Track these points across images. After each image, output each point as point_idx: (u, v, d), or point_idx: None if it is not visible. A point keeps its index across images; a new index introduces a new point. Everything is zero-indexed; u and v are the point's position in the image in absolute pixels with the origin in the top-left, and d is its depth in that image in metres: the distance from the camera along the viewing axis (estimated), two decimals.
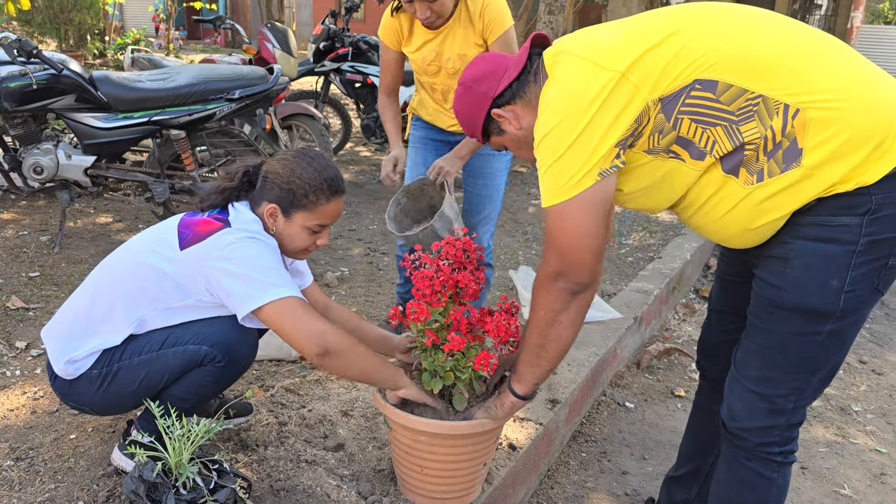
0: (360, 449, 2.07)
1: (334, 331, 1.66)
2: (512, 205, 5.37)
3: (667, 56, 1.36)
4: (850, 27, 14.76)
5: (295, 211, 1.79)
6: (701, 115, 1.37)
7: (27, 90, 3.46)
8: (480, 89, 1.59)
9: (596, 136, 1.37)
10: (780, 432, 1.58)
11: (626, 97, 1.36)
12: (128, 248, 1.87)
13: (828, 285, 1.40)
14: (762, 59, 1.35)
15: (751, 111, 1.34)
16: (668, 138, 1.40)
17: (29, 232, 4.04)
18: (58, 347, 1.84)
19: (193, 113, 3.67)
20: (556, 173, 1.40)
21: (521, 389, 1.65)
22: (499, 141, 1.66)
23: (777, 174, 1.36)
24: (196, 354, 1.77)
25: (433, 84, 2.63)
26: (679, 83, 1.36)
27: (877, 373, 3.40)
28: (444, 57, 2.52)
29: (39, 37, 12.47)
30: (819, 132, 1.32)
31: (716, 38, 1.37)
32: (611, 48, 1.40)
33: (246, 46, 5.31)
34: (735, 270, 1.77)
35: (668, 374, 3.28)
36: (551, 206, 1.43)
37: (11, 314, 2.94)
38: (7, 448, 2.00)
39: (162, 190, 3.76)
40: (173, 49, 14.56)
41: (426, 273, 1.73)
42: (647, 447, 2.69)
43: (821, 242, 1.39)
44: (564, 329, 1.52)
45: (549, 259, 1.47)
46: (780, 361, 1.51)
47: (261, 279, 1.65)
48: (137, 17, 25.45)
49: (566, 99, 1.39)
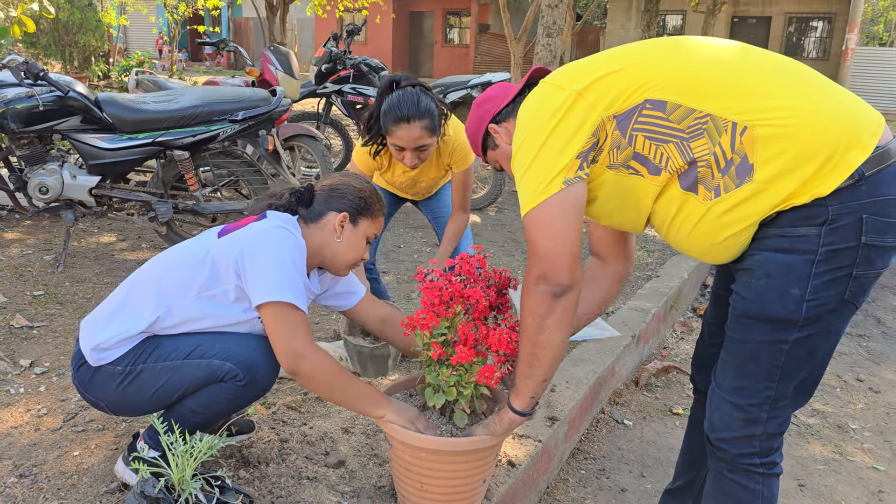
0: (361, 466, 2.09)
1: (314, 360, 1.74)
2: (511, 224, 5.41)
3: (622, 79, 1.49)
4: (844, 49, 14.91)
5: (362, 218, 1.98)
6: (653, 133, 1.48)
7: (34, 111, 3.52)
8: (485, 107, 1.80)
9: (557, 147, 1.50)
10: (759, 442, 1.60)
11: (582, 113, 1.50)
12: (172, 248, 1.96)
13: (788, 294, 1.45)
14: (710, 80, 1.46)
15: (700, 129, 1.44)
16: (625, 154, 1.51)
17: (33, 251, 4.08)
18: (89, 333, 1.87)
19: (197, 134, 3.72)
20: (528, 182, 1.53)
21: (520, 404, 1.68)
22: (493, 156, 1.83)
23: (732, 189, 1.44)
24: (219, 370, 1.81)
25: (406, 190, 3.01)
26: (631, 102, 1.48)
27: (874, 390, 3.41)
28: (419, 180, 2.87)
29: (44, 58, 12.61)
30: (768, 148, 1.40)
31: (668, 64, 1.51)
32: (572, 73, 1.56)
33: (249, 69, 5.37)
34: (724, 284, 1.81)
35: (666, 391, 3.30)
36: (526, 213, 1.54)
37: (16, 332, 2.97)
38: (11, 465, 2.02)
39: (165, 210, 3.80)
40: (177, 71, 14.69)
41: (436, 284, 1.76)
42: (645, 465, 2.70)
43: (781, 253, 1.45)
44: (552, 334, 1.56)
45: (531, 265, 1.55)
46: (752, 370, 1.55)
47: (281, 280, 1.75)
48: (141, 39, 25.71)
49: (531, 116, 1.57)
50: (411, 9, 26.02)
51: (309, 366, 1.74)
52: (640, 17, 14.59)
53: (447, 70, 23.96)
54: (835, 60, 18.96)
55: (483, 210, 5.80)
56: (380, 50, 24.09)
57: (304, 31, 26.21)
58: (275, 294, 1.73)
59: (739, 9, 21.78)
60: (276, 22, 13.34)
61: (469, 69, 23.84)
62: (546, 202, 1.51)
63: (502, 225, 5.41)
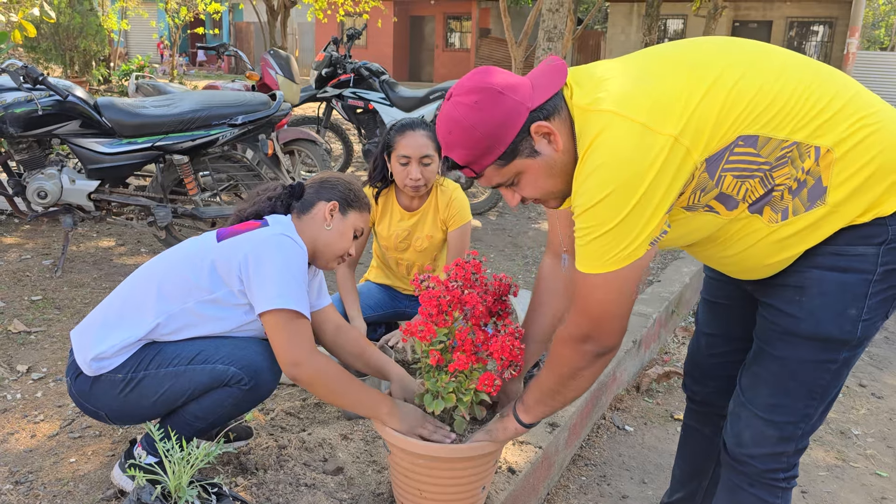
0: (360, 472, 2.07)
1: (314, 366, 1.76)
2: (511, 229, 5.40)
3: (713, 112, 1.32)
4: (846, 53, 14.90)
5: (350, 209, 1.99)
6: (742, 170, 1.35)
7: (32, 116, 3.51)
8: (516, 97, 1.38)
9: (651, 207, 1.31)
10: (787, 458, 1.57)
11: (678, 162, 1.31)
12: (166, 253, 1.96)
13: (846, 314, 1.40)
14: (794, 102, 1.33)
15: (786, 158, 1.34)
16: (709, 195, 1.38)
17: (31, 256, 4.07)
18: (87, 342, 1.84)
19: (197, 138, 3.71)
20: (606, 244, 1.34)
21: (528, 419, 1.66)
22: (520, 167, 1.42)
23: (802, 212, 1.37)
24: (224, 374, 1.80)
25: (399, 259, 2.85)
26: (724, 141, 1.33)
27: (877, 396, 3.39)
28: (415, 236, 2.79)
29: (45, 63, 12.62)
30: (844, 169, 1.33)
31: (758, 83, 1.34)
32: (658, 106, 1.32)
33: (249, 73, 5.37)
34: (724, 293, 1.78)
35: (667, 397, 3.28)
36: (593, 275, 1.38)
37: (13, 337, 2.96)
38: (6, 472, 2.01)
39: (164, 214, 3.79)
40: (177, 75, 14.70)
41: (433, 293, 1.74)
42: (646, 471, 2.68)
43: (837, 272, 1.39)
44: (585, 381, 1.52)
45: (580, 322, 1.44)
46: (792, 388, 1.50)
47: (284, 287, 1.76)
48: (142, 43, 25.77)
49: (619, 167, 1.30)
50: (412, 13, 26.07)
51: (309, 372, 1.75)
52: (641, 22, 14.61)
53: (448, 74, 24.00)
54: (836, 65, 18.95)
55: (483, 215, 5.79)
56: (380, 54, 24.13)
57: (305, 36, 26.26)
58: (278, 302, 1.74)
59: (740, 13, 21.82)
60: (276, 26, 13.37)
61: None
62: (627, 267, 1.35)
63: (503, 229, 5.40)
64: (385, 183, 2.75)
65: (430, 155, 2.60)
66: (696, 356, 1.93)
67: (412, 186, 2.62)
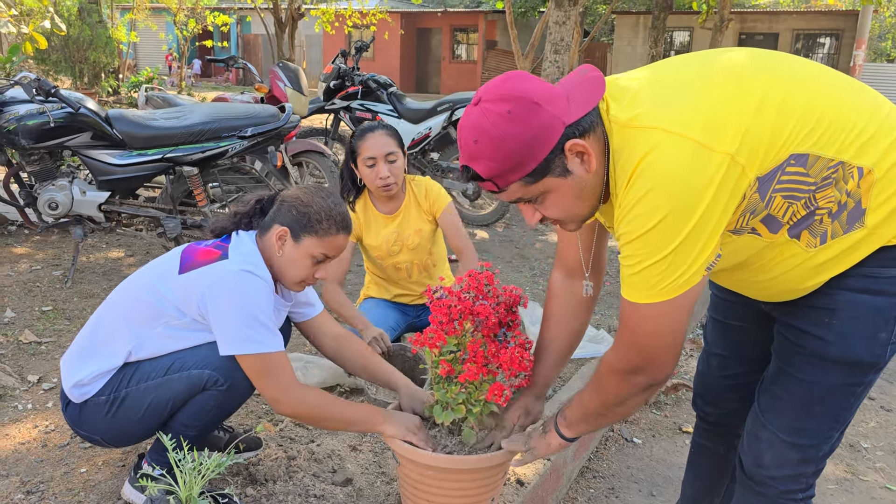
0: (369, 484, 2.08)
1: (291, 401, 1.78)
2: (518, 240, 5.40)
3: (767, 128, 1.24)
4: (852, 65, 14.91)
5: (305, 235, 1.84)
6: (792, 192, 1.28)
7: (44, 128, 3.54)
8: (552, 110, 1.26)
9: (708, 230, 1.23)
10: (806, 479, 1.55)
11: (734, 181, 1.23)
12: (135, 276, 1.95)
13: (877, 338, 1.37)
14: (839, 119, 1.28)
15: (830, 179, 1.28)
16: (758, 217, 1.31)
17: (42, 266, 4.10)
18: (67, 371, 1.88)
19: (206, 150, 3.74)
20: (660, 273, 1.26)
21: (571, 434, 1.63)
22: (548, 185, 1.32)
23: (840, 235, 1.32)
24: (199, 378, 1.81)
25: (397, 264, 2.86)
26: (778, 160, 1.25)
27: (886, 409, 3.38)
28: (405, 234, 2.81)
29: (55, 75, 12.72)
30: (883, 190, 1.29)
31: (804, 100, 1.28)
32: (712, 123, 1.23)
33: (258, 85, 5.41)
34: (737, 314, 1.73)
35: (675, 409, 3.27)
36: (645, 305, 1.30)
37: (24, 348, 2.98)
38: (18, 481, 2.02)
39: (174, 225, 3.81)
40: (186, 87, 14.80)
41: (445, 301, 1.75)
42: (655, 483, 2.67)
43: (869, 294, 1.35)
44: (630, 408, 1.49)
45: (629, 355, 1.38)
46: (818, 412, 1.47)
47: (243, 330, 1.73)
48: (151, 55, 25.96)
49: (673, 189, 1.21)
50: (419, 25, 26.20)
51: (290, 406, 1.79)
52: (648, 34, 14.64)
53: (455, 86, 24.08)
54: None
55: (490, 226, 5.80)
56: (388, 66, 24.24)
57: (313, 48, 26.41)
58: (243, 347, 1.74)
59: (747, 25, 21.86)
60: (284, 38, 13.46)
61: (476, 85, 23.96)
62: (683, 296, 1.27)
63: (510, 241, 5.41)
64: (357, 192, 2.80)
65: (395, 152, 2.67)
66: (706, 378, 1.88)
67: (383, 186, 2.66)
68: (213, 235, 1.94)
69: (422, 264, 2.87)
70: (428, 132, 5.63)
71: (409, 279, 2.88)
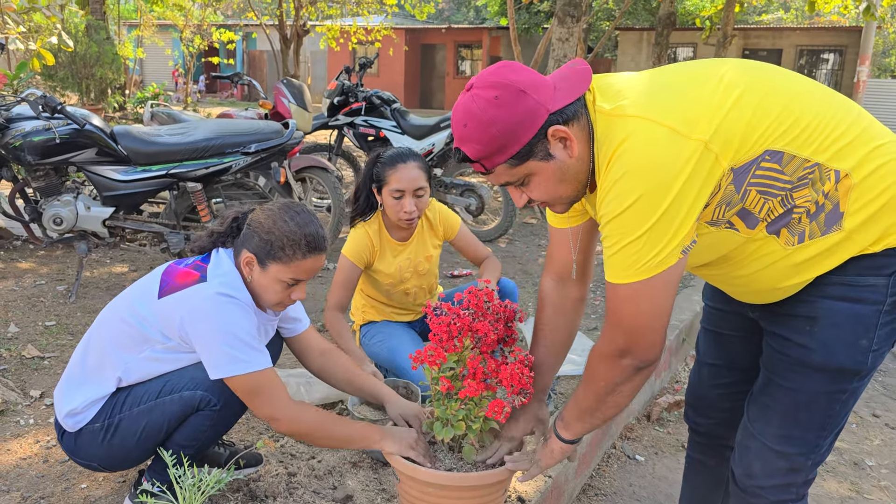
0: (369, 501, 2.07)
1: (287, 419, 1.79)
2: (521, 256, 5.41)
3: (742, 122, 1.31)
4: (856, 81, 14.94)
5: (270, 262, 1.80)
6: (766, 187, 1.34)
7: (50, 144, 3.57)
8: (537, 97, 1.35)
9: (682, 212, 1.29)
10: (797, 489, 1.57)
11: (707, 168, 1.29)
12: (119, 299, 1.94)
13: (857, 345, 1.41)
14: (817, 122, 1.34)
15: (807, 179, 1.33)
16: (732, 210, 1.37)
17: (46, 281, 4.11)
18: (60, 401, 1.89)
19: (210, 166, 3.77)
20: (636, 252, 1.32)
21: (569, 435, 1.64)
22: (532, 168, 1.40)
23: (818, 236, 1.36)
24: (192, 399, 1.81)
25: (406, 290, 2.82)
26: (752, 154, 1.31)
27: (890, 426, 3.36)
28: (416, 261, 2.78)
29: (61, 90, 12.81)
30: (862, 196, 1.34)
31: (782, 101, 1.34)
32: (687, 112, 1.31)
33: (262, 101, 5.44)
34: (728, 324, 1.77)
35: (678, 426, 3.26)
36: (624, 285, 1.36)
37: (27, 362, 2.98)
38: (19, 497, 2.02)
39: (178, 241, 3.83)
40: (191, 102, 14.88)
41: (444, 318, 1.75)
42: (657, 501, 2.66)
43: (847, 302, 1.39)
44: (623, 398, 1.51)
45: (615, 337, 1.42)
46: (803, 419, 1.50)
47: (227, 351, 1.73)
48: (157, 71, 26.16)
49: (647, 172, 1.29)
50: (423, 41, 26.36)
51: (287, 424, 1.80)
52: (651, 50, 14.70)
53: None
54: (846, 93, 18.99)
55: (493, 242, 5.81)
56: (392, 82, 24.38)
57: (318, 64, 26.59)
58: (230, 369, 1.74)
59: (750, 41, 21.93)
60: (289, 55, 13.55)
61: None
62: (660, 276, 1.32)
63: (513, 257, 5.41)
64: (372, 213, 2.70)
65: (424, 187, 2.57)
66: (697, 388, 1.90)
67: (406, 220, 2.59)
68: (194, 254, 1.92)
69: (427, 287, 2.87)
70: (431, 148, 5.65)
71: (413, 302, 2.88)
